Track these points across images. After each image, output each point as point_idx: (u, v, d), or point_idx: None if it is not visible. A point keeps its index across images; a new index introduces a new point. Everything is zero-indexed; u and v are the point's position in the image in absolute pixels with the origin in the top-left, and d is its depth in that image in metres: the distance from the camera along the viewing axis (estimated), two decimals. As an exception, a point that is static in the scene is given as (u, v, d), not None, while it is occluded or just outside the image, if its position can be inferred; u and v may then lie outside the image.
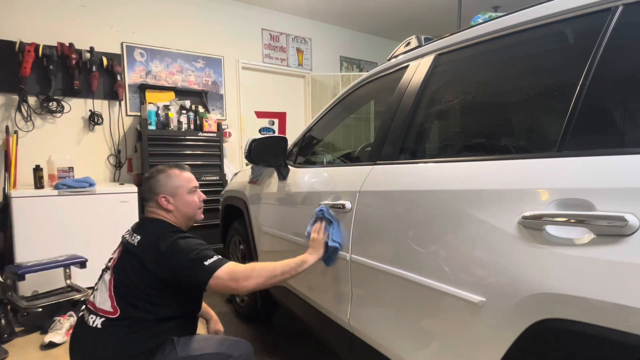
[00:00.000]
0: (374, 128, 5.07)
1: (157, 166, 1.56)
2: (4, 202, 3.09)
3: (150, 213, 1.49)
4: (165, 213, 1.47)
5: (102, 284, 1.39)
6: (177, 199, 1.48)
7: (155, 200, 1.46)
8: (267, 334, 2.36)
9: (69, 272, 2.74)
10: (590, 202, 0.71)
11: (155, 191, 1.47)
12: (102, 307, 1.34)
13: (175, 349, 1.32)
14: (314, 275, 1.61)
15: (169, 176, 1.49)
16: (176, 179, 1.50)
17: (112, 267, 1.39)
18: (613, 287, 0.65)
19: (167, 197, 1.46)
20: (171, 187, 1.48)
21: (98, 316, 1.32)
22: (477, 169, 0.99)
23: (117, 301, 1.32)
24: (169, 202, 1.46)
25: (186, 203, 1.49)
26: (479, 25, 1.17)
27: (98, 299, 1.36)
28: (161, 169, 1.52)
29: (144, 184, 1.52)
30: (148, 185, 1.49)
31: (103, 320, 1.31)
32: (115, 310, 1.31)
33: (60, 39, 3.46)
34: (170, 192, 1.47)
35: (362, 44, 5.69)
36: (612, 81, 0.84)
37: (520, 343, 0.79)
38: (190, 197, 1.51)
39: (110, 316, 1.31)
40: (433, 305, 1.02)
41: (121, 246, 1.45)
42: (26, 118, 3.34)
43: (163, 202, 1.46)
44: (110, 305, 1.32)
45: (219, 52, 4.43)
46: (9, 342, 2.26)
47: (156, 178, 1.49)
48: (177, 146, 3.71)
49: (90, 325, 1.33)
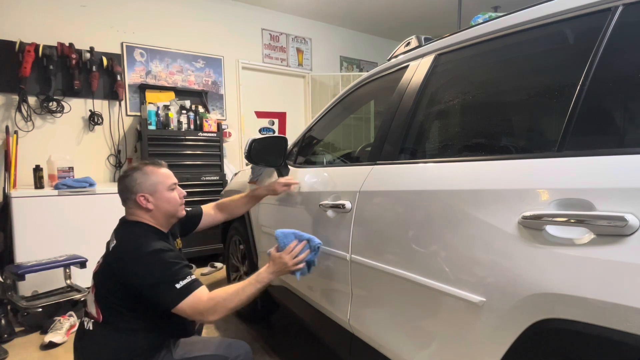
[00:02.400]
0: (374, 128, 5.07)
1: (131, 164, 1.47)
2: (4, 202, 3.09)
3: (129, 215, 1.40)
4: (145, 213, 1.37)
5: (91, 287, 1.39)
6: (157, 197, 1.37)
7: (134, 199, 1.36)
8: (267, 334, 2.35)
9: (69, 272, 2.73)
10: (590, 202, 0.71)
11: (132, 190, 1.36)
12: (90, 311, 1.34)
13: (171, 352, 1.32)
14: (314, 276, 1.61)
15: (146, 173, 1.38)
16: (154, 176, 1.39)
17: (94, 273, 1.37)
18: (613, 287, 0.65)
19: (146, 195, 1.36)
20: (149, 184, 1.37)
21: (91, 319, 1.33)
22: (477, 169, 0.99)
23: (100, 307, 1.30)
24: (148, 200, 1.36)
25: (166, 200, 1.39)
26: (479, 25, 1.17)
27: (88, 302, 1.37)
28: (136, 167, 1.41)
29: (120, 183, 1.40)
30: (124, 184, 1.38)
31: (93, 324, 1.31)
32: (98, 315, 1.29)
33: (60, 39, 3.46)
34: (148, 190, 1.37)
35: (362, 44, 5.69)
36: (612, 81, 0.84)
37: (520, 343, 0.79)
38: (170, 193, 1.41)
39: (98, 320, 1.30)
40: (433, 305, 1.02)
41: (106, 250, 1.40)
42: (26, 118, 3.34)
43: (142, 201, 1.36)
44: (95, 310, 1.31)
45: (219, 52, 4.44)
46: (9, 342, 2.26)
47: (132, 176, 1.37)
48: (177, 146, 3.71)
49: (85, 327, 1.34)
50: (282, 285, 1.97)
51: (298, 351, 2.14)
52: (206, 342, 1.41)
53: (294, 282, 1.82)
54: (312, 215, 1.59)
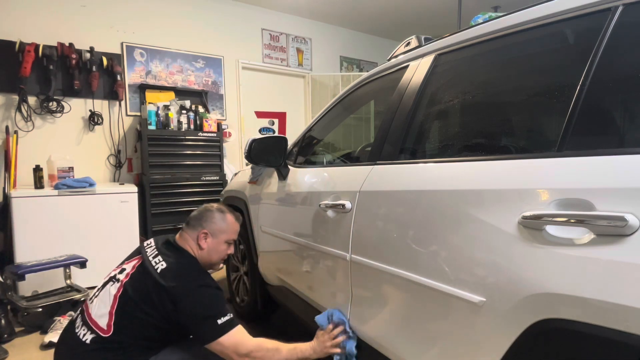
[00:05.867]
0: (374, 128, 5.07)
1: (220, 204, 1.60)
2: (4, 202, 3.09)
3: (182, 239, 1.47)
4: (196, 248, 1.46)
5: (106, 295, 1.33)
6: (214, 242, 1.48)
7: (198, 230, 1.46)
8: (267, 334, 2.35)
9: (69, 272, 2.73)
10: (590, 202, 0.71)
11: (203, 224, 1.47)
12: (97, 320, 1.28)
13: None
14: (314, 275, 1.61)
15: (224, 219, 1.52)
16: (226, 225, 1.51)
17: (123, 283, 1.32)
18: (613, 287, 0.65)
19: (208, 235, 1.47)
20: (217, 228, 1.49)
21: (89, 330, 1.27)
22: (477, 169, 0.99)
23: (116, 320, 1.26)
24: (206, 240, 1.46)
25: (217, 249, 1.49)
26: (479, 25, 1.17)
27: (96, 310, 1.31)
28: (222, 209, 1.55)
29: (199, 211, 1.53)
30: (201, 215, 1.50)
31: (93, 337, 1.26)
32: (109, 329, 1.25)
33: (60, 39, 3.46)
34: (213, 232, 1.48)
35: (362, 44, 5.69)
36: (612, 81, 0.83)
37: (521, 343, 0.79)
38: (224, 246, 1.52)
39: (102, 334, 1.25)
40: (433, 305, 1.01)
41: (138, 261, 1.38)
42: (26, 118, 3.34)
43: (201, 238, 1.46)
44: (107, 322, 1.27)
45: (219, 52, 4.44)
46: (9, 342, 2.26)
47: (213, 213, 1.51)
48: (177, 146, 3.71)
49: (79, 337, 1.28)
50: (282, 285, 1.97)
51: (298, 351, 2.14)
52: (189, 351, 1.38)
53: (294, 282, 1.82)
54: (312, 215, 1.59)
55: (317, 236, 1.56)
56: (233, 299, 2.69)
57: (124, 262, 1.46)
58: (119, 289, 1.31)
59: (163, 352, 1.34)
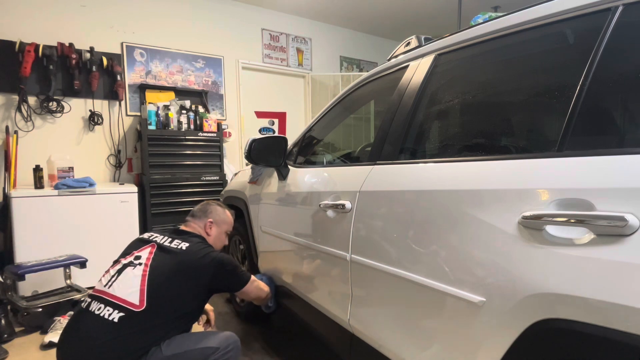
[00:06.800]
0: (374, 128, 5.07)
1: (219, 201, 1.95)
2: (4, 202, 3.09)
3: (190, 227, 1.74)
4: (204, 235, 1.75)
5: (129, 277, 1.42)
6: (217, 231, 1.82)
7: (204, 220, 1.78)
8: (267, 334, 2.35)
9: (69, 272, 2.73)
10: (590, 202, 0.71)
11: (208, 215, 1.81)
12: (127, 298, 1.35)
13: (159, 348, 1.34)
14: (314, 275, 1.62)
15: (225, 213, 1.88)
16: (227, 218, 1.88)
17: (147, 264, 1.46)
18: (613, 287, 0.65)
19: (213, 224, 1.80)
20: (220, 219, 1.84)
21: (117, 309, 1.32)
22: (477, 169, 0.99)
23: (148, 295, 1.36)
24: (212, 228, 1.79)
25: (220, 238, 1.84)
26: (479, 25, 1.17)
27: (122, 290, 1.37)
28: (221, 204, 1.91)
29: (203, 205, 1.86)
30: (206, 208, 1.83)
31: (122, 316, 1.31)
32: (141, 303, 1.34)
33: (60, 39, 3.46)
34: (217, 222, 1.82)
35: (362, 44, 5.69)
36: (612, 81, 0.84)
37: (520, 343, 0.79)
38: (224, 236, 1.88)
39: (134, 309, 1.33)
40: (433, 305, 1.02)
41: (153, 247, 1.55)
42: (26, 118, 3.34)
43: (208, 225, 1.78)
44: (139, 298, 1.35)
45: (219, 52, 4.44)
46: (9, 342, 2.26)
47: (215, 207, 1.86)
48: (177, 146, 3.71)
49: (103, 317, 1.31)
50: (282, 285, 1.97)
51: (298, 351, 2.14)
52: (194, 336, 1.45)
53: (294, 282, 1.82)
54: (312, 215, 1.59)
55: (317, 236, 1.56)
56: (233, 299, 2.69)
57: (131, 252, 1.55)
58: (144, 270, 1.44)
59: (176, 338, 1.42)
